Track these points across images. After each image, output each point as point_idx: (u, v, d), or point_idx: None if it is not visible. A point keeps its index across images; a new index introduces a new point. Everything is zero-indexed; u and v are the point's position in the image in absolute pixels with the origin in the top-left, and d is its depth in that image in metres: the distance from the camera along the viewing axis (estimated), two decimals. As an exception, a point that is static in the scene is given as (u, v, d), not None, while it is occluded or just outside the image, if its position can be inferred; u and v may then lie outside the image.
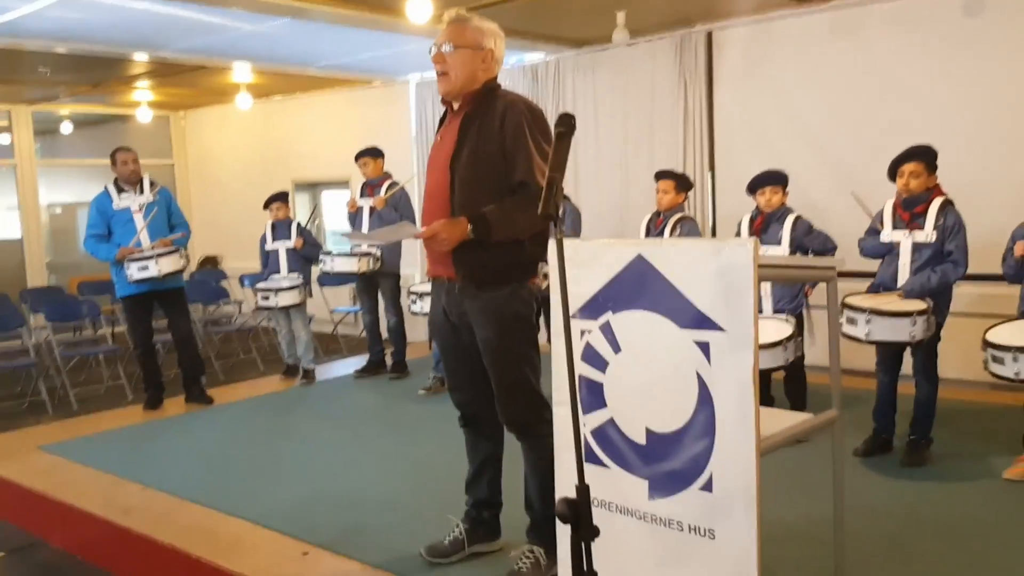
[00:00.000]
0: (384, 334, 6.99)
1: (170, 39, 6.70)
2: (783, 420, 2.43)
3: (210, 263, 11.20)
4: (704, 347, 2.16)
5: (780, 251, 4.68)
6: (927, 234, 4.22)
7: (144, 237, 5.88)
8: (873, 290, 4.42)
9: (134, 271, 5.73)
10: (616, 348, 2.36)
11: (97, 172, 10.28)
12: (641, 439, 2.32)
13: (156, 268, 5.73)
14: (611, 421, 2.39)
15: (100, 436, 5.47)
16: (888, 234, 4.36)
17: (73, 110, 10.92)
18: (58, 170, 11.17)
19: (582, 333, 2.43)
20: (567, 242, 2.43)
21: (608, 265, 2.35)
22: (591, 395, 2.43)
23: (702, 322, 2.15)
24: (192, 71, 8.25)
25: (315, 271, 7.22)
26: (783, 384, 4.93)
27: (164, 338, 6.71)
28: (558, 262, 1.85)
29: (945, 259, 4.20)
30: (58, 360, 7.15)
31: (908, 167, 4.26)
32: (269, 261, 6.89)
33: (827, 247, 4.75)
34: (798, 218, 4.83)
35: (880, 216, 4.44)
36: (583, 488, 1.80)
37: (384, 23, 6.19)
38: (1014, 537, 3.42)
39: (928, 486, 4.00)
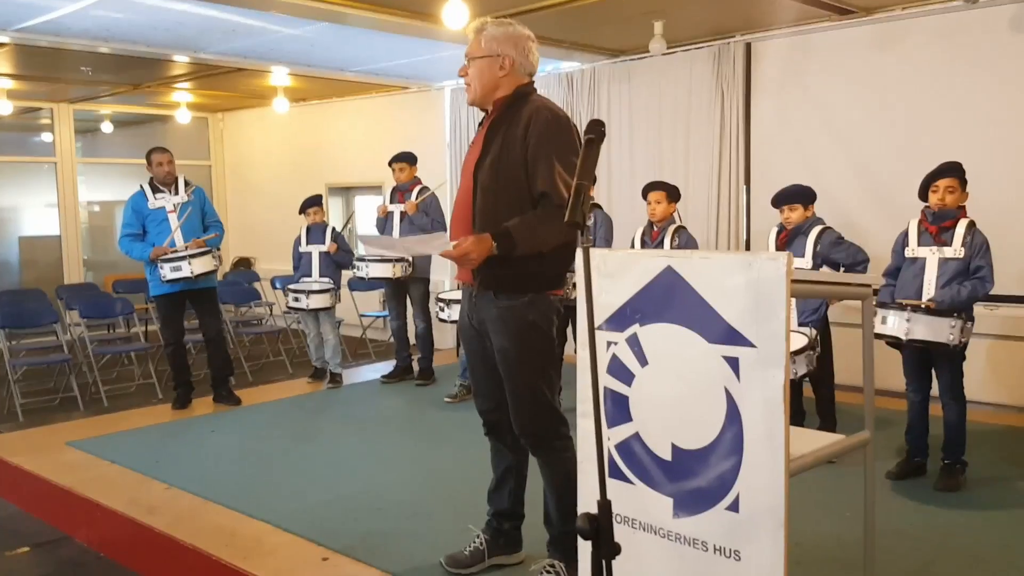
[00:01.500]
0: (412, 340, 6.98)
1: (210, 41, 6.76)
2: (814, 441, 2.36)
3: (243, 264, 11.30)
4: (733, 363, 2.10)
5: (802, 264, 4.60)
6: (955, 250, 4.14)
7: (178, 237, 5.94)
8: None
9: (167, 271, 5.78)
10: (643, 361, 2.30)
11: (136, 171, 10.41)
12: (667, 455, 2.26)
13: (189, 268, 5.78)
14: (636, 436, 2.33)
15: (128, 434, 5.50)
16: (914, 249, 4.28)
17: (114, 110, 11.08)
18: (97, 168, 11.34)
19: (608, 345, 2.38)
20: (595, 252, 2.39)
21: (636, 276, 2.30)
22: (616, 408, 2.37)
23: (732, 337, 2.10)
24: (230, 73, 8.33)
25: (346, 275, 7.25)
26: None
27: (195, 338, 6.76)
28: (584, 272, 1.81)
29: (972, 275, 4.12)
30: (91, 357, 7.23)
31: (944, 182, 4.20)
32: (301, 264, 6.91)
33: (857, 259, 4.67)
34: (824, 230, 4.75)
35: (904, 237, 4.35)
36: (605, 504, 1.75)
37: (420, 29, 6.19)
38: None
39: (962, 512, 3.89)
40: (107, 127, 11.53)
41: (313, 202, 6.91)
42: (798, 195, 4.82)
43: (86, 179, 11.00)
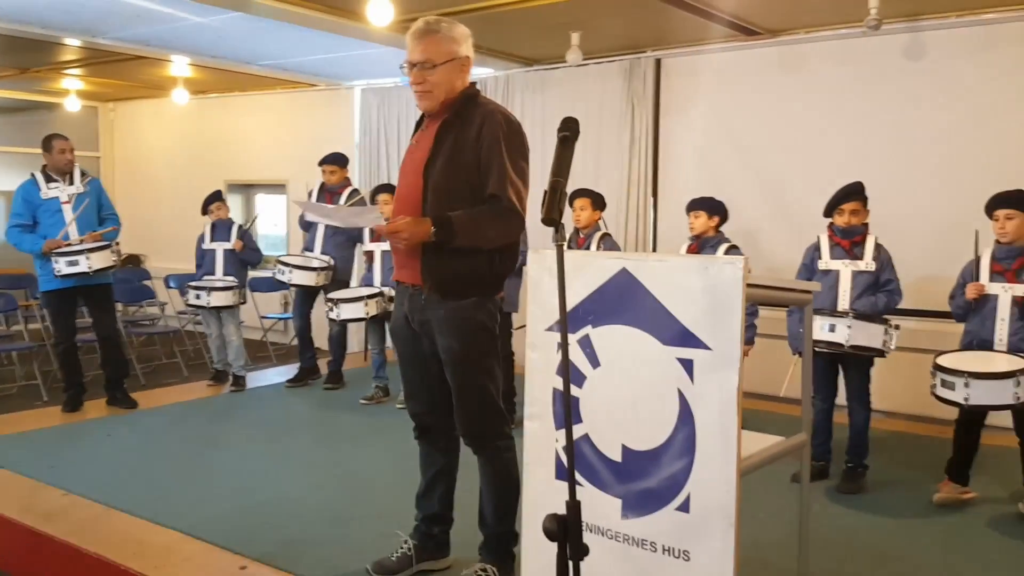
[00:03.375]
0: (321, 343, 6.83)
1: (110, 26, 6.43)
2: (757, 442, 2.43)
3: (132, 262, 10.79)
4: (687, 364, 2.14)
5: None
6: (867, 263, 4.38)
7: (72, 230, 5.63)
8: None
9: (62, 265, 5.47)
10: (595, 363, 2.32)
11: (18, 160, 9.84)
12: (616, 456, 2.28)
13: (87, 263, 5.50)
14: (586, 437, 2.34)
15: (14, 437, 5.16)
16: (827, 262, 4.48)
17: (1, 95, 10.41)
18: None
19: (558, 346, 2.38)
20: (547, 252, 2.39)
21: (590, 277, 2.31)
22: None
23: (686, 339, 2.13)
24: (127, 61, 7.95)
25: (250, 275, 7.02)
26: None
27: (85, 337, 6.41)
28: (559, 271, 1.81)
29: (882, 288, 4.35)
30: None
31: (849, 205, 4.43)
32: (205, 261, 6.66)
33: None
34: (731, 248, 4.91)
35: (815, 249, 4.55)
36: (574, 504, 1.75)
37: (336, 25, 6.07)
38: (950, 560, 3.51)
39: (866, 514, 4.07)
40: (-11, 113, 10.85)
41: (214, 198, 6.68)
42: (702, 203, 4.99)
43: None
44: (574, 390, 2.35)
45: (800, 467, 4.44)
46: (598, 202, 5.44)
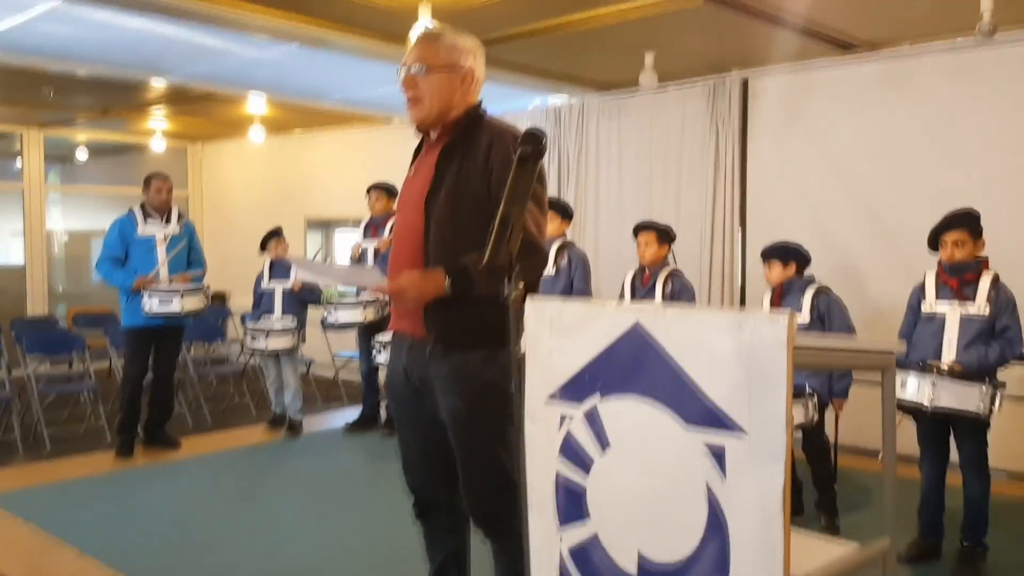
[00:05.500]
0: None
1: (170, 62, 6.33)
2: (817, 550, 1.87)
3: (218, 299, 10.81)
4: (718, 453, 1.62)
5: (799, 320, 4.14)
6: (979, 306, 3.67)
7: (164, 270, 5.64)
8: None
9: (155, 304, 5.45)
10: (603, 444, 1.82)
11: (112, 201, 10.01)
12: (632, 567, 1.77)
13: (180, 304, 5.49)
14: (595, 539, 1.84)
15: (54, 487, 5.00)
16: (932, 304, 3.80)
17: (89, 136, 10.68)
18: (75, 197, 10.93)
19: (562, 420, 1.90)
20: (548, 303, 1.92)
21: (598, 334, 1.82)
22: (570, 502, 1.89)
23: (715, 420, 1.62)
24: (204, 100, 7.92)
25: (312, 313, 6.76)
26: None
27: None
28: (511, 327, 1.34)
29: (999, 335, 3.64)
30: (34, 396, 6.70)
31: (951, 236, 3.75)
32: (263, 301, 6.45)
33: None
34: (821, 289, 4.27)
35: (920, 289, 3.89)
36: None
37: (398, 56, 5.78)
38: None
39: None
40: (82, 154, 11.13)
41: (273, 234, 6.48)
42: (774, 251, 4.40)
43: (63, 208, 10.57)
44: (579, 477, 1.86)
45: (905, 544, 3.80)
46: (665, 236, 4.90)
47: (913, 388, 3.44)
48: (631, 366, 1.75)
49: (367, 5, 4.90)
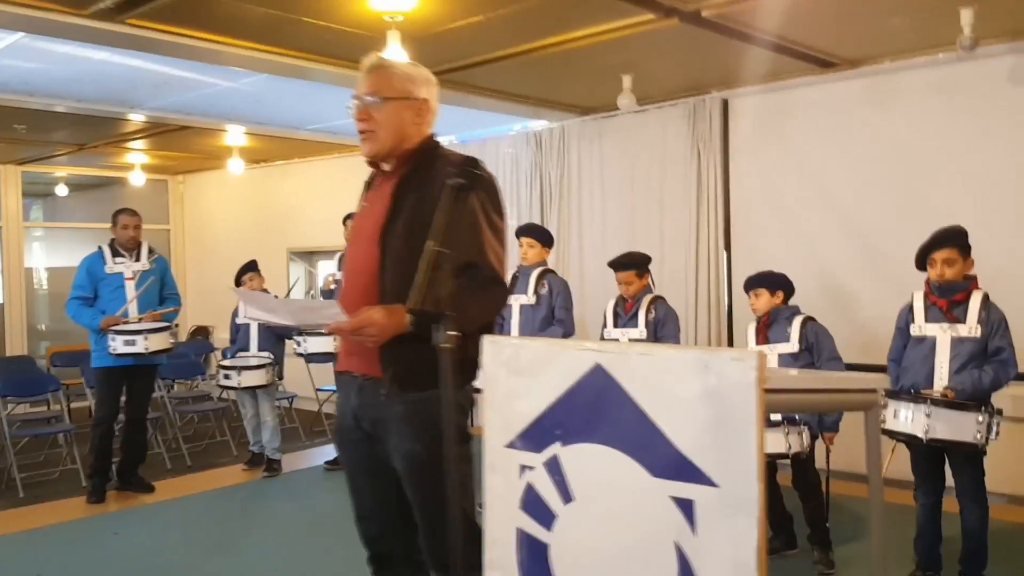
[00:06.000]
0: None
1: (144, 94, 6.23)
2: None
3: (201, 334, 10.64)
4: (686, 507, 1.48)
5: (788, 348, 4.00)
6: (970, 328, 3.54)
7: (132, 308, 5.50)
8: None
9: (119, 344, 5.30)
10: (566, 496, 1.68)
11: (93, 236, 9.86)
12: (599, 631, 1.62)
13: (144, 344, 5.33)
14: (558, 600, 1.69)
15: (19, 537, 4.79)
16: (921, 327, 3.67)
17: (69, 172, 10.55)
18: (58, 233, 10.78)
19: (522, 470, 1.76)
20: (505, 341, 1.79)
21: (558, 376, 1.69)
22: (533, 560, 1.74)
23: (683, 470, 1.48)
24: (181, 133, 7.81)
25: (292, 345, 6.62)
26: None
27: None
28: (442, 372, 1.20)
29: (992, 358, 3.51)
30: (7, 439, 6.51)
31: (940, 255, 3.62)
32: (239, 336, 6.30)
33: (831, 369, 3.97)
34: (808, 320, 4.14)
35: (908, 310, 3.76)
36: None
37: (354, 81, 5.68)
38: None
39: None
40: (62, 190, 11.03)
41: (248, 268, 6.34)
42: (761, 280, 4.26)
43: (46, 244, 10.41)
44: (541, 534, 1.71)
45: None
46: (643, 267, 4.75)
47: (906, 418, 3.29)
48: (593, 411, 1.62)
49: (338, 31, 4.80)
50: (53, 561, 4.35)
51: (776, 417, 3.72)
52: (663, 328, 4.55)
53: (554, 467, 1.69)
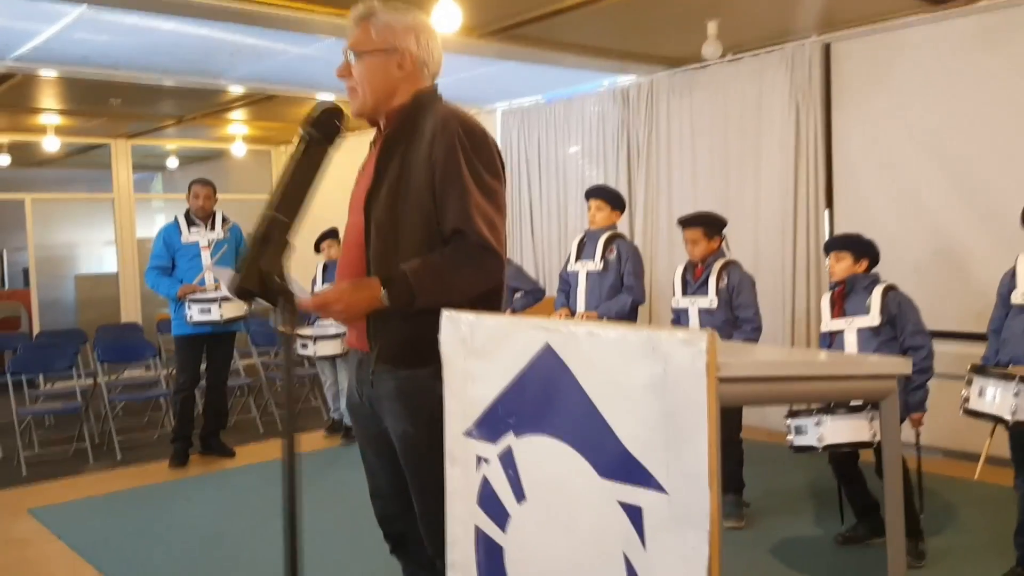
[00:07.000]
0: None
1: (232, 64, 6.23)
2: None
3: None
4: (635, 515, 1.24)
5: (867, 322, 3.57)
6: None
7: (209, 276, 5.56)
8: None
9: (195, 313, 5.39)
10: (519, 494, 1.46)
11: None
12: (551, 650, 1.40)
13: (218, 312, 5.38)
14: (513, 610, 1.48)
15: (99, 500, 4.93)
16: (1022, 296, 3.21)
17: (177, 144, 10.89)
18: (173, 203, 11.19)
19: (479, 462, 1.55)
20: (462, 318, 1.57)
21: (511, 357, 1.47)
22: (490, 563, 1.53)
23: (632, 472, 1.23)
24: (271, 101, 7.87)
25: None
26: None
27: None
28: (285, 373, 1.00)
29: None
30: (105, 404, 6.76)
31: None
32: (318, 305, 6.27)
33: (916, 344, 3.55)
34: (890, 289, 3.69)
35: (1010, 278, 3.29)
36: None
37: (455, 43, 5.45)
38: None
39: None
40: (172, 162, 11.41)
41: (328, 234, 6.29)
42: (847, 242, 3.80)
43: (167, 216, 10.82)
44: (497, 535, 1.50)
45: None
46: (713, 228, 4.32)
47: (992, 397, 2.87)
48: (543, 398, 1.39)
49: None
50: (127, 523, 4.45)
51: (857, 401, 3.32)
52: (738, 296, 4.17)
53: (508, 460, 1.48)
